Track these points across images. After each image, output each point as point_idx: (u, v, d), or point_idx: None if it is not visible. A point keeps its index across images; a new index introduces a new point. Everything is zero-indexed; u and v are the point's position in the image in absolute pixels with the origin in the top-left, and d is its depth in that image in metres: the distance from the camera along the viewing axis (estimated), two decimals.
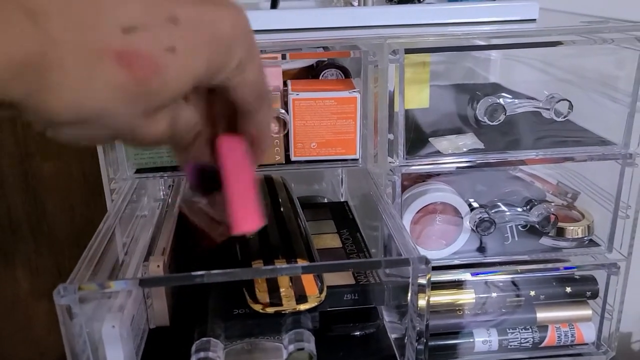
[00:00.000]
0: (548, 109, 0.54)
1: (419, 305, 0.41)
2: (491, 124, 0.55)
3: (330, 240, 0.57)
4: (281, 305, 0.44)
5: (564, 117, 0.55)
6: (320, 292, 0.45)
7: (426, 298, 0.41)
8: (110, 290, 0.43)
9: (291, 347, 0.40)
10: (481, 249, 0.63)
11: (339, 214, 0.64)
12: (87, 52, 0.22)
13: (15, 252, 0.96)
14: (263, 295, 0.45)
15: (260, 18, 0.60)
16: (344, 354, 0.47)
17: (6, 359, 1.02)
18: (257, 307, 0.44)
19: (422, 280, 0.40)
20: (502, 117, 0.54)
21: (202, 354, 0.39)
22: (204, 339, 0.40)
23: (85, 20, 0.22)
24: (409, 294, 0.41)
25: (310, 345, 0.40)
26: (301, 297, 0.44)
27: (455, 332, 0.64)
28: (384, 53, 0.52)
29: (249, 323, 0.44)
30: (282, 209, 0.56)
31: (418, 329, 0.42)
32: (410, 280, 0.41)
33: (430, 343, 0.44)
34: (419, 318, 0.42)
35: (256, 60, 0.29)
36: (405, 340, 0.45)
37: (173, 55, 0.24)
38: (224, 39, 0.26)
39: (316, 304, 0.44)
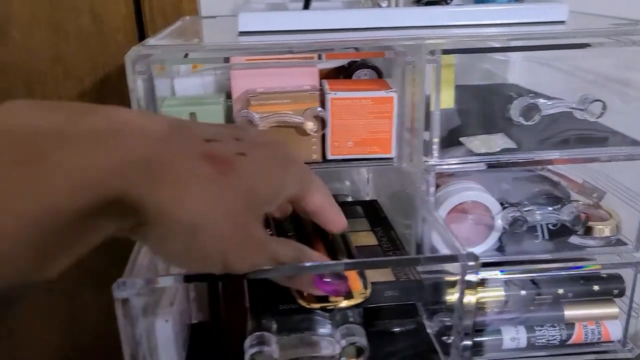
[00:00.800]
0: (582, 110, 0.55)
1: (466, 303, 0.42)
2: (526, 123, 0.56)
3: (365, 237, 0.58)
4: (328, 301, 0.44)
5: (598, 118, 0.56)
6: (365, 288, 0.45)
7: (474, 295, 0.42)
8: (158, 285, 0.44)
9: (343, 342, 0.41)
10: (504, 248, 0.64)
11: (371, 213, 0.65)
12: (184, 152, 0.28)
13: None
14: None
15: (294, 18, 0.61)
16: (388, 349, 0.48)
17: (22, 356, 1.03)
18: (304, 303, 0.44)
19: (471, 277, 0.41)
20: (536, 118, 0.55)
21: (257, 348, 0.40)
22: (258, 333, 0.41)
23: (182, 134, 0.30)
24: (458, 291, 0.42)
25: (362, 339, 0.40)
26: (347, 293, 0.45)
27: (483, 329, 0.65)
28: (422, 54, 0.53)
29: (299, 318, 0.44)
30: None
31: (464, 325, 0.43)
32: (459, 277, 0.41)
33: None
34: (465, 315, 0.42)
35: (313, 177, 0.37)
36: (451, 338, 0.45)
37: (244, 157, 0.31)
38: (281, 156, 0.34)
39: (362, 300, 0.45)
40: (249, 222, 0.31)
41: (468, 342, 0.43)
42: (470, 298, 0.42)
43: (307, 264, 0.37)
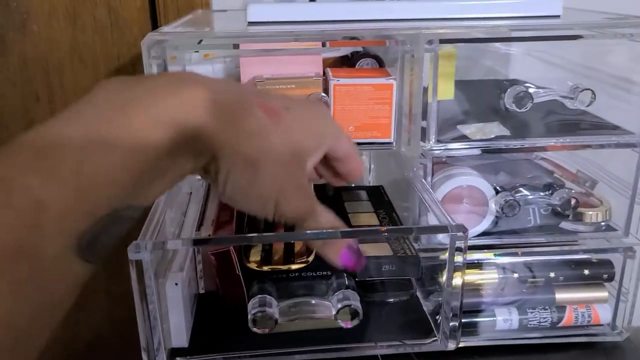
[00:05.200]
0: (572, 98, 0.58)
1: (454, 285, 0.44)
2: (518, 110, 0.58)
3: (368, 218, 0.61)
4: (271, 263, 0.48)
5: (587, 106, 0.59)
6: (308, 256, 0.49)
7: (462, 276, 0.44)
8: (167, 248, 0.47)
9: (339, 305, 0.43)
10: (499, 233, 0.67)
11: (375, 197, 0.68)
12: (244, 100, 0.34)
13: None
14: (256, 255, 0.49)
15: (300, 10, 0.64)
16: (382, 318, 0.51)
17: None
18: (253, 265, 0.48)
19: (459, 253, 0.44)
20: (529, 105, 0.58)
21: (259, 309, 0.43)
22: (260, 296, 0.44)
23: (238, 86, 0.37)
24: (446, 267, 0.44)
25: (356, 303, 0.43)
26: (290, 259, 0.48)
27: (477, 311, 0.68)
28: (420, 43, 0.56)
29: (297, 284, 0.47)
30: None
31: (452, 306, 0.45)
32: (447, 253, 0.44)
33: None
34: (453, 295, 0.45)
35: (345, 133, 0.42)
36: (439, 317, 0.48)
37: (289, 111, 0.36)
38: (317, 114, 0.40)
39: (304, 265, 0.48)
40: (297, 169, 0.36)
41: (455, 323, 0.46)
42: (458, 279, 0.45)
43: (308, 232, 0.40)
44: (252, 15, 0.62)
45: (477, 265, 0.66)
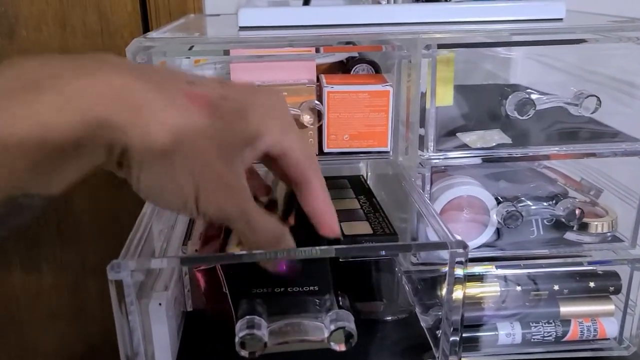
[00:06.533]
0: (576, 105, 0.56)
1: (455, 298, 0.42)
2: (520, 118, 0.56)
3: (349, 203, 0.63)
4: None
5: (592, 113, 0.56)
6: None
7: (462, 289, 0.42)
8: (150, 267, 0.45)
9: (332, 327, 0.41)
10: (502, 244, 0.65)
11: (356, 185, 0.70)
12: (166, 87, 0.31)
13: (41, 247, 0.97)
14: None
15: (293, 14, 0.62)
16: (379, 338, 0.49)
17: (30, 351, 1.04)
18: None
19: (460, 267, 0.41)
20: (531, 112, 0.56)
21: (247, 332, 0.40)
22: (249, 316, 0.41)
23: (166, 73, 0.33)
24: (446, 281, 0.42)
25: (351, 324, 0.41)
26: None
27: (478, 325, 0.65)
28: (417, 48, 0.54)
29: (288, 302, 0.45)
30: None
31: (453, 320, 0.43)
32: (447, 267, 0.41)
33: None
34: (454, 309, 0.42)
35: (296, 131, 0.37)
36: (439, 332, 0.46)
37: (225, 100, 0.33)
38: (263, 103, 0.35)
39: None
40: (221, 166, 0.32)
41: (456, 338, 0.43)
42: (458, 293, 0.42)
43: (304, 249, 0.38)
44: (243, 20, 0.60)
45: (479, 277, 0.64)
